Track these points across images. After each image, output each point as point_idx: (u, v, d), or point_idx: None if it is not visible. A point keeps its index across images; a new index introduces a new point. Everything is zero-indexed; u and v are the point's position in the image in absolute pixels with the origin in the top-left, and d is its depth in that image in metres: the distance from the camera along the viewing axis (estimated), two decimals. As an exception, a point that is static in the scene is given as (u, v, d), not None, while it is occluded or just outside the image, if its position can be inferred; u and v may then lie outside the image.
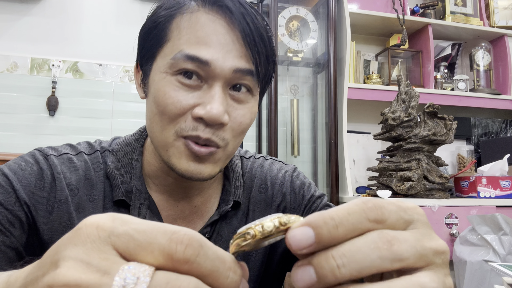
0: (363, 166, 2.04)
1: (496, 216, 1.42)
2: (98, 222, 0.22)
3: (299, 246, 0.22)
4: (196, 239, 0.21)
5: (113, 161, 0.58)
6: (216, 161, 0.53)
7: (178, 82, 0.50)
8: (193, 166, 0.52)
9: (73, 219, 0.53)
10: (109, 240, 0.21)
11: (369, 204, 0.23)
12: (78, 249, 0.21)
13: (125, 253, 0.21)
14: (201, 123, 0.50)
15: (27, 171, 0.53)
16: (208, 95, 0.50)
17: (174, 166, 0.52)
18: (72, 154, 0.58)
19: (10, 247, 0.48)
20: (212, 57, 0.50)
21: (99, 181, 0.57)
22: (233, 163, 0.65)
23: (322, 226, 0.22)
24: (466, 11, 2.28)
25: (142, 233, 0.21)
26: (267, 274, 0.64)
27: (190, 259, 0.21)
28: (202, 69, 0.50)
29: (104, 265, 0.20)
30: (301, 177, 0.69)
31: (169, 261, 0.21)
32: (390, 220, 0.23)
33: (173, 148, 0.52)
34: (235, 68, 0.51)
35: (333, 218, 0.22)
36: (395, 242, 0.22)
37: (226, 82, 0.51)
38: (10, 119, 1.78)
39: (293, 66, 2.22)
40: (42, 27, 1.88)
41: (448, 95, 2.12)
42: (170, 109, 0.50)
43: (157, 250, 0.21)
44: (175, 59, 0.50)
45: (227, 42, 0.51)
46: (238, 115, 0.53)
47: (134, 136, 0.62)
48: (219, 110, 0.49)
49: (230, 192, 0.62)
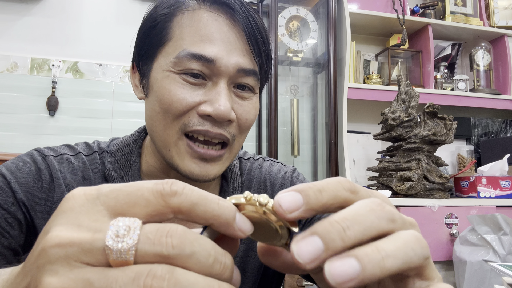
0: (363, 166, 2.04)
1: (496, 216, 1.42)
2: (85, 189, 0.22)
3: (288, 207, 0.23)
4: (178, 181, 0.22)
5: (111, 163, 0.58)
6: (224, 161, 0.54)
7: (183, 80, 0.51)
8: (197, 168, 0.52)
9: None
10: (98, 201, 0.21)
11: (342, 179, 0.25)
12: (67, 215, 0.21)
13: (116, 207, 0.21)
14: (208, 120, 0.51)
15: (25, 171, 0.52)
16: (213, 92, 0.51)
17: (177, 166, 0.52)
18: (70, 154, 0.57)
19: (8, 248, 0.48)
20: (216, 54, 0.50)
21: (97, 182, 0.56)
22: (231, 164, 0.65)
23: (308, 190, 0.23)
24: (466, 11, 2.28)
25: (129, 186, 0.22)
26: (266, 275, 0.64)
27: (177, 191, 0.21)
28: (207, 67, 0.51)
29: (94, 225, 0.21)
30: (300, 178, 0.69)
31: (159, 197, 0.21)
32: (361, 193, 0.25)
33: (176, 148, 0.52)
34: (238, 67, 0.51)
35: (315, 185, 0.24)
36: (385, 205, 0.23)
37: (230, 79, 0.52)
38: (10, 119, 1.78)
39: (293, 66, 2.22)
40: (42, 27, 1.88)
41: (448, 95, 2.12)
42: (176, 107, 0.50)
43: (146, 192, 0.21)
44: (179, 58, 0.50)
45: (230, 40, 0.51)
46: (244, 112, 0.54)
47: (132, 137, 0.62)
48: (226, 106, 0.50)
49: (228, 193, 0.62)
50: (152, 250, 0.20)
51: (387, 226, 0.23)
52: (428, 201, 1.60)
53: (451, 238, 1.58)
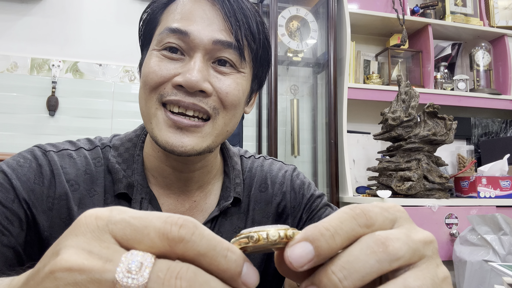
0: (363, 166, 2.04)
1: (496, 216, 1.42)
2: (97, 213, 0.22)
3: (300, 262, 0.22)
4: (190, 221, 0.22)
5: (114, 156, 0.59)
6: (204, 135, 0.53)
7: (162, 55, 0.53)
8: (173, 137, 0.52)
9: (73, 214, 0.53)
10: (107, 228, 0.22)
11: (357, 210, 0.24)
12: (78, 239, 0.21)
13: (123, 239, 0.21)
14: (181, 91, 0.52)
15: (25, 167, 0.52)
16: (188, 65, 0.52)
17: (156, 138, 0.53)
18: (71, 149, 0.58)
19: (8, 246, 0.48)
20: (192, 28, 0.52)
21: (99, 176, 0.57)
22: (233, 161, 0.66)
23: (320, 239, 0.22)
24: (466, 11, 2.28)
25: (138, 219, 0.22)
26: (267, 274, 0.65)
27: (185, 238, 0.21)
28: (183, 41, 0.53)
29: (105, 253, 0.21)
30: (301, 177, 0.70)
31: (164, 241, 0.21)
32: (378, 223, 0.24)
33: (155, 119, 0.53)
34: (214, 39, 0.52)
35: (328, 229, 0.22)
36: (389, 243, 0.22)
37: (207, 53, 0.53)
38: (10, 119, 1.78)
39: (293, 66, 2.22)
40: (42, 27, 1.88)
41: (448, 95, 2.12)
42: (151, 78, 0.52)
43: (152, 232, 0.21)
44: (161, 35, 0.54)
45: (208, 17, 0.53)
46: (223, 85, 0.54)
47: (135, 132, 0.63)
48: (197, 76, 0.50)
49: (230, 189, 0.62)
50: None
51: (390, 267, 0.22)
52: (428, 201, 1.60)
53: (451, 238, 1.58)
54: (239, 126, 1.90)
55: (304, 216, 0.66)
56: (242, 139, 1.95)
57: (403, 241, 0.23)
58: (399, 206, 0.26)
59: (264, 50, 0.59)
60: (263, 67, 0.61)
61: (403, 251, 0.22)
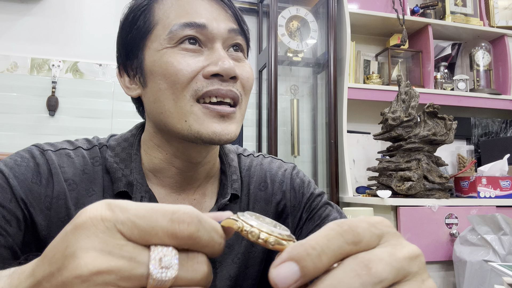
0: (363, 166, 2.04)
1: (496, 216, 1.42)
2: (101, 214, 0.23)
3: (285, 283, 0.22)
4: (195, 215, 0.23)
5: (111, 156, 0.58)
6: (237, 119, 0.56)
7: (182, 50, 0.53)
8: (219, 127, 0.53)
9: (71, 214, 0.53)
10: (116, 228, 0.22)
11: (344, 226, 0.23)
12: (93, 240, 0.22)
13: (132, 238, 0.22)
14: (216, 79, 0.53)
15: (23, 166, 0.52)
16: (213, 55, 0.53)
17: (198, 133, 0.53)
18: (69, 149, 0.57)
19: (5, 247, 0.47)
20: (206, 20, 0.54)
21: (97, 176, 0.56)
22: (229, 158, 0.66)
23: (306, 258, 0.22)
24: (466, 11, 2.28)
25: (143, 218, 0.23)
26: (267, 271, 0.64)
27: (193, 235, 0.23)
28: (201, 33, 0.54)
29: (125, 251, 0.22)
30: (300, 175, 0.69)
31: (173, 239, 0.23)
32: (365, 239, 0.23)
33: (192, 115, 0.53)
34: (229, 28, 0.55)
35: (315, 247, 0.22)
36: (372, 265, 0.22)
37: (224, 42, 0.55)
38: (10, 119, 1.78)
39: (293, 66, 2.22)
40: (42, 27, 1.88)
41: (448, 95, 2.12)
42: (183, 74, 0.52)
43: (160, 232, 0.22)
44: (172, 32, 0.53)
45: (212, 10, 0.55)
46: (244, 71, 0.56)
47: (131, 132, 0.63)
48: (230, 63, 0.52)
49: (227, 186, 0.62)
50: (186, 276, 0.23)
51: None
52: (428, 201, 1.60)
53: (451, 238, 1.58)
54: (239, 126, 1.90)
55: (304, 215, 0.66)
56: (242, 139, 1.95)
57: (386, 262, 0.22)
58: (386, 221, 0.26)
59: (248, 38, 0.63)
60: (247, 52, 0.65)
61: (386, 272, 0.22)
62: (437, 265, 1.60)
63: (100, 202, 0.23)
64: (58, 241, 0.23)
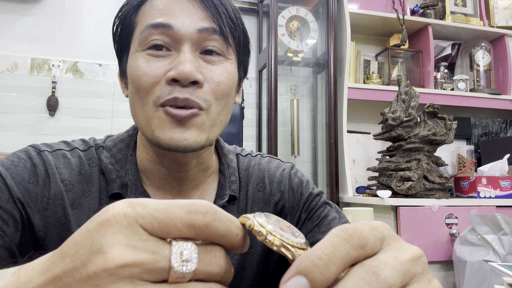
0: (363, 166, 2.04)
1: (496, 216, 1.42)
2: (123, 211, 0.24)
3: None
4: (210, 206, 0.24)
5: (107, 157, 0.58)
6: (200, 126, 0.52)
7: (148, 55, 0.52)
8: (176, 134, 0.51)
9: (68, 214, 0.53)
10: (137, 223, 0.23)
11: (349, 231, 0.23)
12: (117, 236, 0.23)
13: (153, 231, 0.24)
14: (176, 85, 0.51)
15: (20, 167, 0.52)
16: (177, 58, 0.51)
17: (158, 138, 0.52)
18: (66, 150, 0.57)
19: (2, 247, 0.47)
20: (175, 21, 0.51)
21: (94, 177, 0.56)
22: (228, 158, 0.65)
23: (314, 270, 0.22)
24: (466, 11, 2.28)
25: (162, 211, 0.24)
26: (266, 273, 0.64)
27: (209, 224, 0.24)
28: (167, 35, 0.51)
29: (149, 245, 0.23)
30: (299, 175, 0.69)
31: (191, 229, 0.24)
32: (371, 242, 0.24)
33: (155, 120, 0.52)
34: (199, 27, 0.52)
35: (322, 258, 0.22)
36: (380, 271, 0.22)
37: (194, 44, 0.52)
38: (10, 119, 1.78)
39: (293, 66, 2.22)
40: (42, 27, 1.88)
41: (448, 95, 2.12)
42: (144, 80, 0.51)
43: (179, 223, 0.24)
44: (142, 34, 0.52)
45: (187, 9, 0.52)
46: (214, 75, 0.53)
47: (128, 132, 0.62)
48: (190, 67, 0.50)
49: (225, 187, 0.62)
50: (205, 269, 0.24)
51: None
52: (428, 201, 1.59)
53: (451, 238, 1.58)
54: (239, 126, 1.90)
55: (303, 216, 0.65)
56: (242, 139, 1.95)
57: (393, 267, 0.23)
58: (386, 225, 0.26)
59: (244, 37, 0.59)
60: (246, 54, 0.61)
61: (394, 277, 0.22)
62: (437, 265, 1.59)
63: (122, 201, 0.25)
64: (79, 238, 0.24)
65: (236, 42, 0.57)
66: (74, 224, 0.53)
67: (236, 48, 0.58)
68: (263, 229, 0.25)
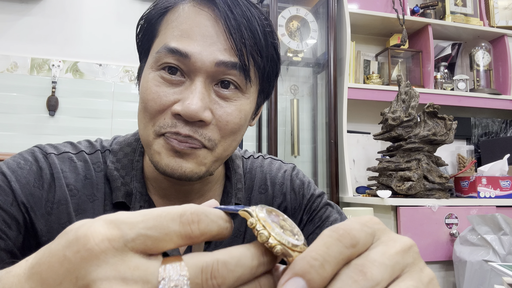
0: (363, 166, 2.04)
1: (496, 216, 1.42)
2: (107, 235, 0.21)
3: None
4: (201, 212, 0.24)
5: (113, 162, 0.57)
6: (200, 160, 0.50)
7: (160, 77, 0.50)
8: (173, 162, 0.49)
9: (72, 220, 0.52)
10: (126, 248, 0.21)
11: (340, 231, 0.23)
12: (105, 269, 0.21)
13: (146, 250, 0.22)
14: (180, 119, 0.49)
15: (26, 170, 0.51)
16: (188, 90, 0.49)
17: (156, 163, 0.51)
18: (72, 153, 0.56)
19: (5, 250, 0.46)
20: (192, 49, 0.48)
21: (100, 182, 0.55)
22: (235, 164, 0.64)
23: (310, 271, 0.22)
24: (466, 11, 2.28)
25: (154, 228, 0.22)
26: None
27: (204, 231, 0.23)
28: (183, 63, 0.49)
29: (138, 275, 0.21)
30: (300, 176, 0.68)
31: (187, 240, 0.23)
32: (362, 240, 0.24)
33: (154, 145, 0.51)
34: (217, 60, 0.48)
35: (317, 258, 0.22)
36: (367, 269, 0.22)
37: (209, 77, 0.49)
38: (10, 119, 1.78)
39: (293, 66, 2.22)
40: (42, 27, 1.88)
41: (448, 95, 2.12)
42: (151, 105, 0.49)
43: (175, 237, 0.23)
44: (159, 53, 0.50)
45: (210, 35, 0.49)
46: (224, 113, 0.50)
47: (135, 136, 0.61)
48: (197, 105, 0.47)
49: (231, 194, 0.61)
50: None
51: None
52: (428, 201, 1.59)
53: (451, 238, 1.58)
54: (239, 126, 1.90)
55: (305, 217, 0.65)
56: (242, 139, 1.95)
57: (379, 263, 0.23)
58: (375, 218, 0.26)
59: (272, 63, 0.55)
60: (271, 81, 0.57)
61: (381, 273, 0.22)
62: (437, 265, 1.60)
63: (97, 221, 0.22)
64: (59, 267, 0.21)
65: (261, 72, 0.54)
66: None
67: (259, 77, 0.54)
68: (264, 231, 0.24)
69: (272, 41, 0.54)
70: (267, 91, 0.59)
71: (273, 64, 0.55)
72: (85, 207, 0.53)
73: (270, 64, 0.55)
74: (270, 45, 0.53)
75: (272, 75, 0.57)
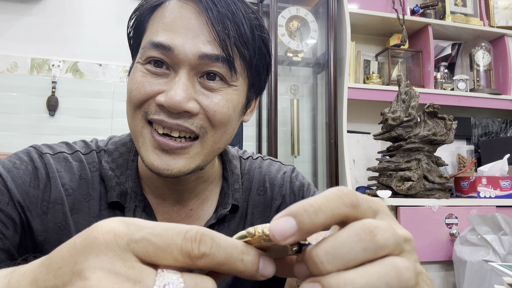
0: (363, 166, 2.04)
1: (496, 216, 1.42)
2: (114, 230, 0.22)
3: (282, 235, 0.23)
4: (207, 234, 0.23)
5: (108, 162, 0.57)
6: (192, 155, 0.51)
7: (145, 69, 0.50)
8: (158, 160, 0.49)
9: (68, 219, 0.52)
10: (129, 247, 0.22)
11: (344, 190, 0.24)
12: (101, 259, 0.21)
13: (145, 256, 0.22)
14: (164, 110, 0.49)
15: (21, 170, 0.51)
16: (172, 82, 0.49)
17: (143, 159, 0.51)
18: (67, 153, 0.56)
19: (2, 249, 0.47)
20: (175, 42, 0.48)
21: (95, 181, 0.55)
22: (232, 165, 0.64)
23: (303, 214, 0.23)
24: (466, 11, 2.28)
25: (159, 236, 0.22)
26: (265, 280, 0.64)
27: (205, 253, 0.22)
28: (167, 56, 0.49)
29: (132, 274, 0.21)
30: (300, 178, 0.68)
31: (187, 258, 0.22)
32: (363, 207, 0.24)
33: (142, 138, 0.51)
34: (200, 53, 0.48)
35: (312, 205, 0.23)
36: (378, 232, 0.23)
37: (193, 69, 0.49)
38: (10, 119, 1.78)
39: (293, 66, 2.22)
40: (42, 27, 1.88)
41: (448, 95, 2.12)
42: (135, 95, 0.50)
43: (175, 250, 0.22)
44: (144, 49, 0.51)
45: (193, 28, 0.49)
46: (211, 103, 0.50)
47: (130, 136, 0.60)
48: (180, 96, 0.47)
49: (228, 195, 0.60)
50: None
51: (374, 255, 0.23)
52: (428, 201, 1.60)
53: (451, 238, 1.58)
54: (239, 126, 1.90)
55: None
56: (242, 139, 1.95)
57: (390, 233, 0.23)
58: (382, 202, 0.27)
59: (261, 57, 0.54)
60: (261, 75, 0.57)
61: (389, 242, 0.23)
62: (437, 265, 1.60)
63: (116, 218, 0.23)
64: (65, 252, 0.22)
65: (247, 65, 0.53)
66: (74, 229, 0.52)
67: (247, 69, 0.54)
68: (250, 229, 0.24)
69: (260, 34, 0.54)
70: (258, 86, 0.59)
71: (262, 57, 0.55)
72: (80, 207, 0.54)
73: (258, 57, 0.54)
74: (257, 38, 0.53)
75: (262, 69, 0.57)
